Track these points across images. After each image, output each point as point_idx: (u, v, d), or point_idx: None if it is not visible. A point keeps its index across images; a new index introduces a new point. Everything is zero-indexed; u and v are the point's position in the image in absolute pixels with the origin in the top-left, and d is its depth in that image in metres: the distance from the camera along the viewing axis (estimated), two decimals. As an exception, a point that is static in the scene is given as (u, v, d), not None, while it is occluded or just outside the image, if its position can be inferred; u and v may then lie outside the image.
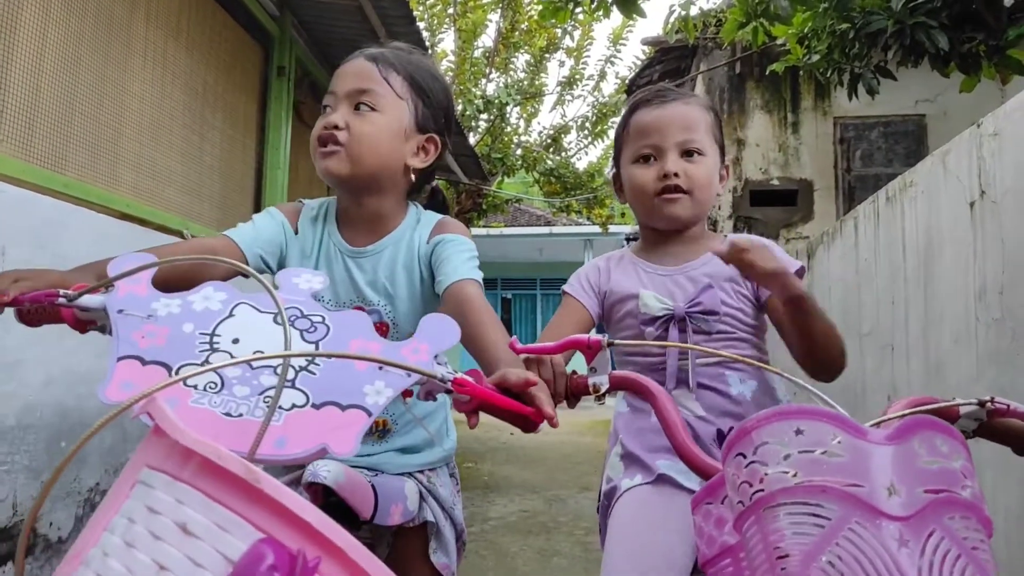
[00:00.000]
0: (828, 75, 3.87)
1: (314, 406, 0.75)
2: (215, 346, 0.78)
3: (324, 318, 0.85)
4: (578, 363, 1.06)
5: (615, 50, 11.31)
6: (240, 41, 3.95)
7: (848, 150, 6.71)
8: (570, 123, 11.86)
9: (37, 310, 0.92)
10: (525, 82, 11.01)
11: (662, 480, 1.26)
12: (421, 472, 1.32)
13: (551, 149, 11.84)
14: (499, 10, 10.75)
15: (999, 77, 3.44)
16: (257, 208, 4.14)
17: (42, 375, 2.38)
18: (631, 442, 1.34)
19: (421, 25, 6.92)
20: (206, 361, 0.76)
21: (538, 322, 18.00)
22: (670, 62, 7.54)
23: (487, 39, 10.92)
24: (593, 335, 1.00)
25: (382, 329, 1.30)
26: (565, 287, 1.45)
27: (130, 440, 2.83)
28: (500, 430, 9.59)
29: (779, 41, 4.31)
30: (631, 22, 11.01)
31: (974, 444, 1.98)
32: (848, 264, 3.13)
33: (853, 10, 3.44)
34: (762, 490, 0.72)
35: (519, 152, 11.34)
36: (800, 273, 1.32)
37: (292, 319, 0.83)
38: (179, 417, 0.66)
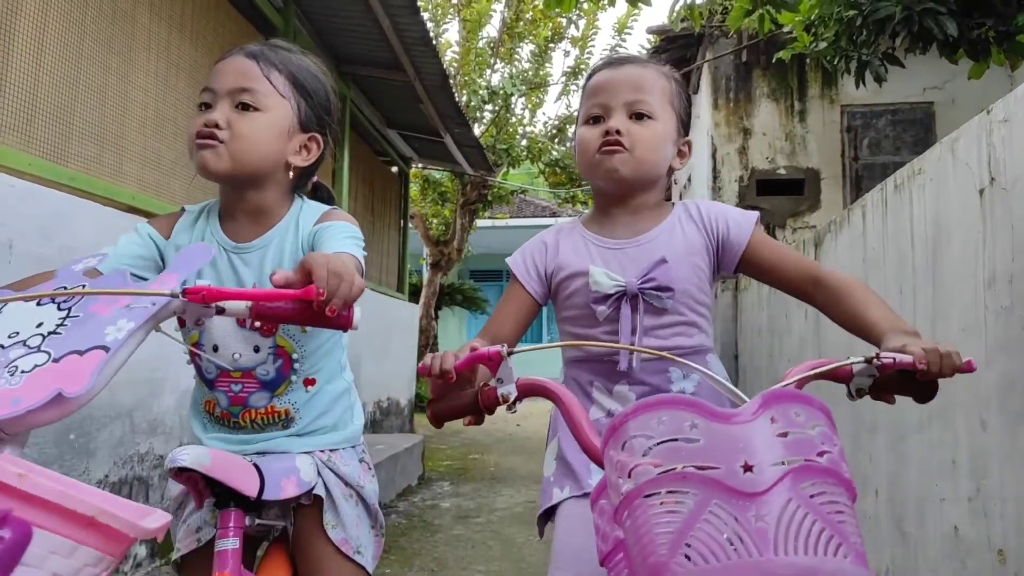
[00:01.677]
0: (835, 63, 3.84)
1: (54, 360, 0.82)
2: None
3: (84, 285, 0.95)
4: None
5: (620, 39, 11.25)
6: (244, 32, 3.94)
7: (855, 138, 6.66)
8: (575, 113, 11.82)
9: None
10: (530, 72, 10.97)
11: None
12: (321, 451, 1.30)
13: (556, 139, 11.81)
14: (503, 0, 10.70)
15: (1008, 63, 3.40)
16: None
17: (50, 368, 2.39)
18: (568, 443, 1.31)
19: (425, 15, 6.89)
20: None
21: (543, 314, 17.97)
22: (676, 51, 7.49)
23: (492, 29, 10.89)
24: (492, 348, 0.98)
25: (271, 323, 1.28)
26: (509, 261, 1.40)
27: (139, 432, 2.84)
28: (506, 422, 9.61)
29: (786, 29, 4.27)
30: (636, 11, 10.93)
31: (983, 436, 1.97)
32: (856, 253, 3.12)
33: (860, -3, 3.41)
34: (632, 484, 0.74)
35: (524, 143, 11.31)
36: (758, 221, 1.35)
37: (53, 298, 0.93)
38: None
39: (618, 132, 1.27)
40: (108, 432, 2.67)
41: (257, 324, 1.24)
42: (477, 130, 9.72)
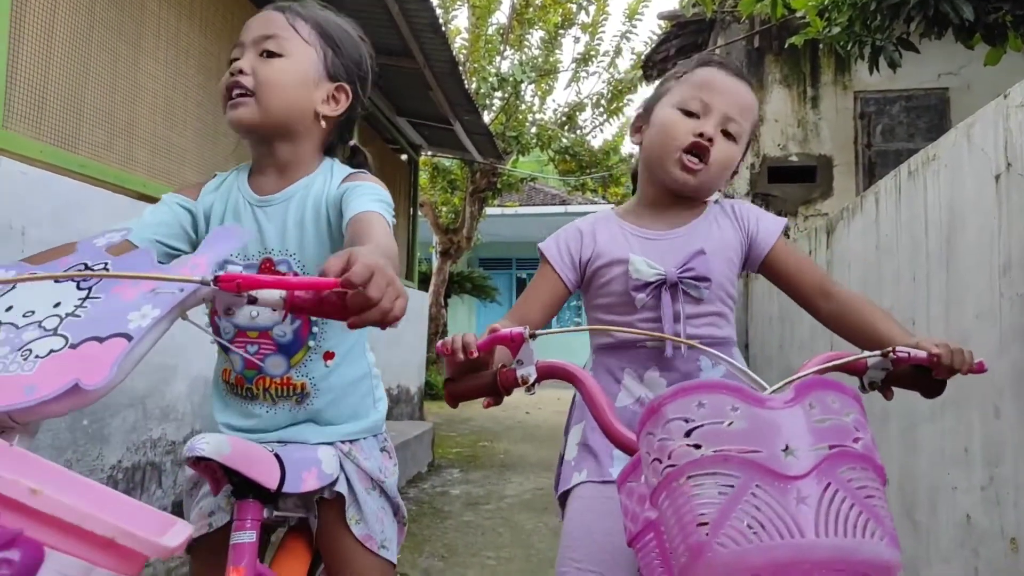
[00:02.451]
0: (849, 48, 3.79)
1: (72, 346, 0.75)
2: None
3: (107, 264, 0.87)
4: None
5: (631, 25, 11.17)
6: (253, 19, 3.93)
7: (869, 125, 6.60)
8: (585, 100, 11.76)
9: None
10: (540, 59, 10.91)
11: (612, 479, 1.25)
12: (342, 443, 1.27)
13: (566, 127, 11.75)
14: (513, -14, 10.63)
15: (1026, 48, 3.35)
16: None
17: (63, 354, 2.40)
18: (593, 428, 1.32)
19: (435, 1, 6.85)
20: None
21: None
22: (687, 36, 7.43)
23: (501, 16, 10.83)
24: (515, 328, 0.99)
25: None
26: (542, 247, 1.40)
27: (151, 418, 2.86)
28: (516, 408, 9.63)
29: (798, 13, 4.22)
30: (647, -4, 10.85)
31: (997, 424, 1.96)
32: (868, 241, 3.09)
33: (875, -20, 3.36)
34: (672, 465, 0.76)
35: (534, 130, 11.26)
36: (787, 231, 1.40)
37: (75, 272, 0.87)
38: None
39: (710, 140, 1.29)
40: (121, 418, 2.69)
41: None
42: (487, 117, 9.69)
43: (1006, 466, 1.89)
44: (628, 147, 12.65)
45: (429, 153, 9.35)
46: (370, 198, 1.16)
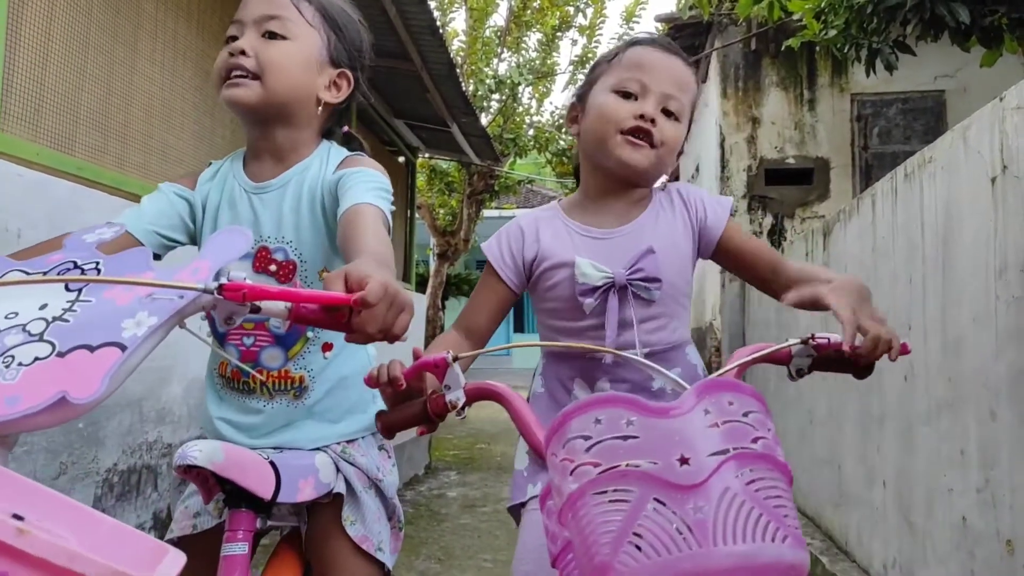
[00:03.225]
0: (845, 50, 3.80)
1: (59, 355, 0.68)
2: None
3: (98, 263, 0.81)
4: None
5: (628, 28, 11.17)
6: (250, 22, 3.93)
7: (865, 127, 6.61)
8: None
9: None
10: (537, 61, 10.92)
11: None
12: (337, 444, 1.23)
13: (563, 129, 11.75)
14: (510, -12, 10.64)
15: (1021, 51, 3.36)
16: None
17: (59, 357, 2.40)
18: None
19: (432, 4, 6.85)
20: None
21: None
22: (684, 39, 7.43)
23: (499, 18, 10.84)
24: (437, 355, 0.97)
25: (288, 268, 1.20)
26: (485, 248, 1.34)
27: (147, 421, 2.86)
28: (513, 411, 9.63)
29: (795, 16, 4.23)
30: (644, -1, 10.87)
31: (993, 426, 1.96)
32: (865, 243, 3.10)
33: (872, -17, 3.37)
34: (574, 486, 0.74)
35: (531, 132, 11.27)
36: (733, 212, 1.35)
37: (62, 272, 0.81)
38: None
39: (652, 122, 1.22)
40: (117, 421, 2.69)
41: (272, 268, 1.19)
42: (484, 120, 9.68)
43: (1002, 468, 1.89)
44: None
45: (426, 155, 9.35)
46: (367, 186, 1.12)
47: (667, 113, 1.24)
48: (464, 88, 6.60)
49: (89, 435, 2.55)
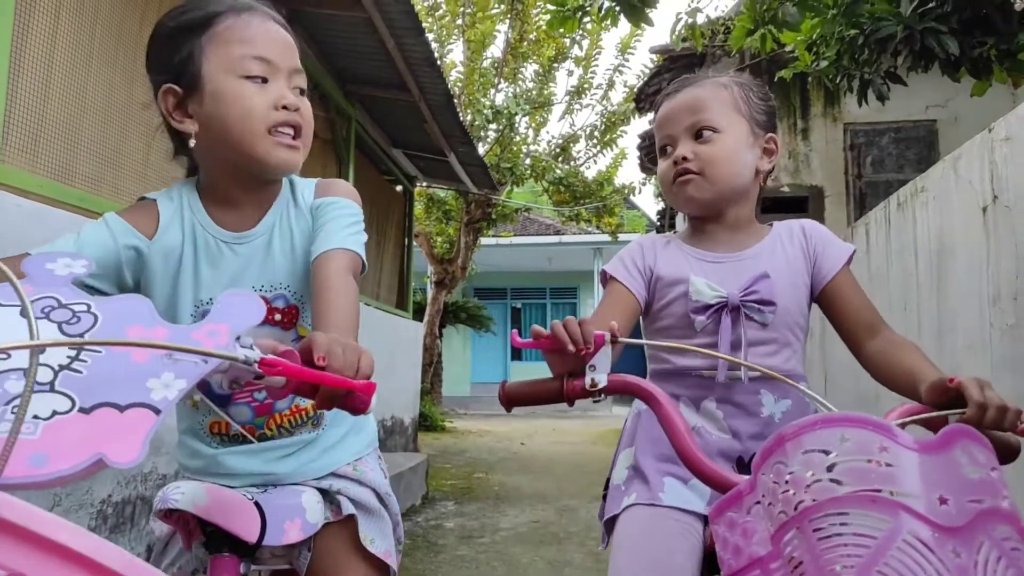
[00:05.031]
0: (837, 81, 3.85)
1: (82, 410, 0.63)
2: None
3: (90, 306, 0.74)
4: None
5: (623, 59, 11.33)
6: (250, 54, 3.98)
7: (859, 156, 6.68)
8: (579, 132, 11.89)
9: None
10: (534, 92, 11.05)
11: (664, 505, 1.21)
12: (349, 464, 1.20)
13: (560, 158, 11.86)
14: (507, 21, 10.80)
15: (1011, 81, 3.41)
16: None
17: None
18: (644, 452, 1.28)
19: (430, 36, 6.94)
20: None
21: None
22: (678, 70, 7.54)
23: (496, 49, 10.99)
24: (598, 330, 0.93)
25: (291, 313, 1.16)
26: (608, 268, 1.35)
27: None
28: (511, 440, 9.57)
29: (788, 48, 4.30)
30: (639, 31, 11.04)
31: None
32: (860, 271, 3.11)
33: (862, 16, 3.42)
34: (809, 499, 0.70)
35: (528, 161, 11.37)
36: (851, 258, 1.32)
37: (47, 310, 0.72)
38: None
39: (685, 159, 1.27)
40: (112, 451, 2.67)
41: (277, 318, 1.15)
42: (481, 149, 9.77)
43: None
44: (621, 178, 12.73)
45: (424, 184, 9.41)
46: (340, 224, 1.10)
47: (697, 136, 1.28)
48: (462, 118, 6.66)
49: (83, 466, 2.53)
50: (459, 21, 10.72)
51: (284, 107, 1.07)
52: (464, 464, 7.56)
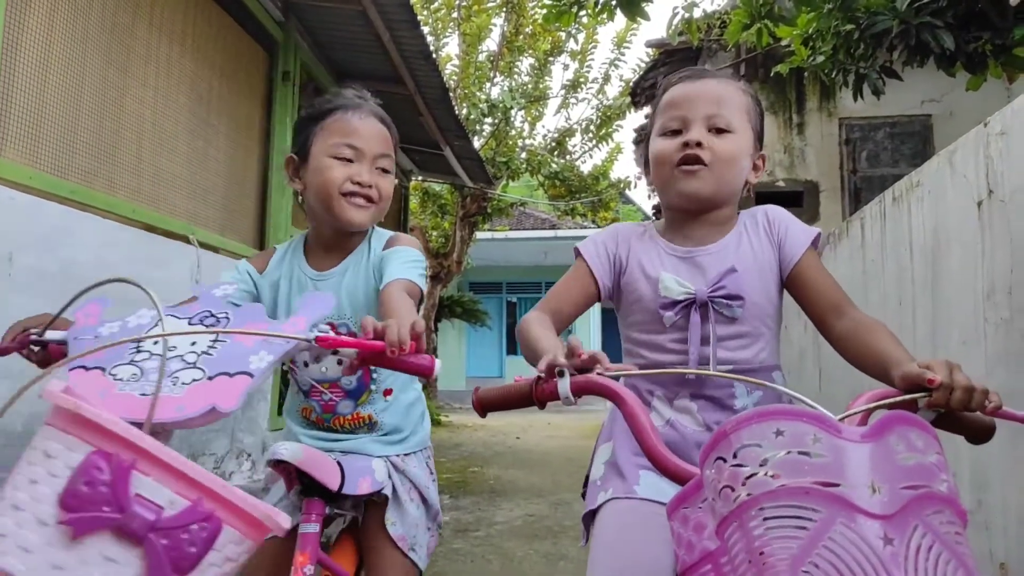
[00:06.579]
0: (833, 76, 3.85)
1: (208, 378, 0.97)
2: (140, 349, 1.02)
3: (227, 313, 1.11)
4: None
5: (619, 53, 11.32)
6: (245, 47, 3.96)
7: (854, 151, 6.69)
8: (574, 126, 11.87)
9: (31, 352, 1.19)
10: (529, 86, 11.03)
11: (639, 497, 1.22)
12: (397, 456, 1.49)
13: (556, 152, 11.84)
14: (503, 14, 10.77)
15: (1006, 76, 3.42)
16: (262, 212, 4.15)
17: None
18: (622, 447, 1.29)
19: (425, 29, 6.93)
20: (132, 361, 1.00)
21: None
22: (674, 64, 7.53)
23: (491, 43, 10.95)
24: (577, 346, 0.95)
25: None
26: (580, 246, 1.37)
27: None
28: (507, 434, 9.58)
29: (784, 42, 4.29)
30: (635, 25, 11.02)
31: (984, 449, 1.96)
32: (855, 265, 3.12)
33: (858, 11, 3.42)
34: (745, 494, 0.71)
35: (524, 156, 11.35)
36: (816, 241, 1.31)
37: (203, 318, 1.10)
38: (107, 401, 0.92)
39: (699, 144, 1.25)
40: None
41: None
42: (477, 143, 9.75)
43: (994, 491, 1.89)
44: (617, 172, 12.73)
45: (420, 178, 9.39)
46: (400, 262, 1.40)
47: (716, 131, 1.27)
48: (457, 112, 6.65)
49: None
50: (455, 14, 10.70)
51: (358, 183, 1.44)
52: (459, 458, 7.57)
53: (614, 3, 3.80)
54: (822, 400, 0.84)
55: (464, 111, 10.01)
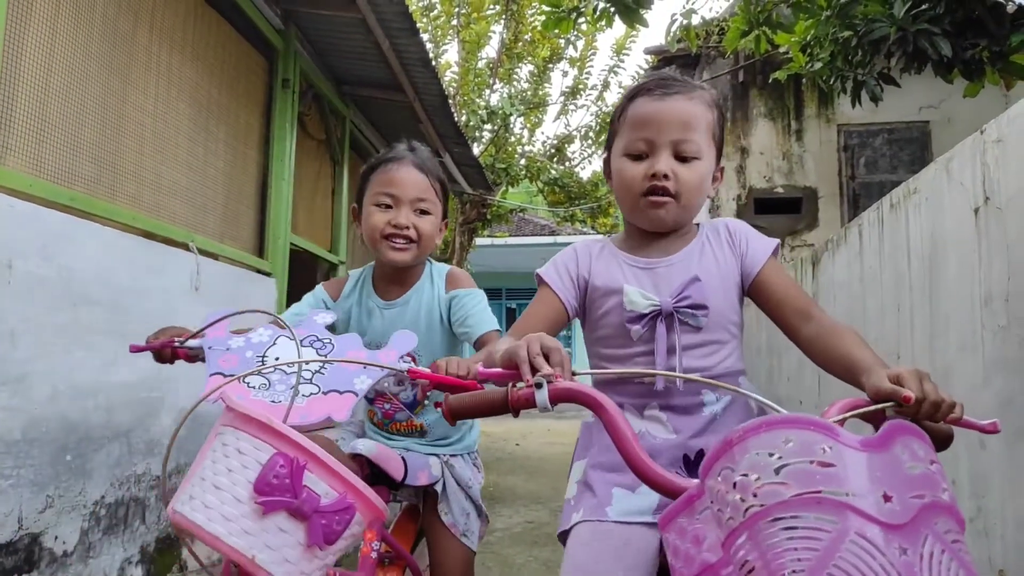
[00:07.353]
0: (831, 82, 3.86)
1: (324, 393, 1.27)
2: (264, 362, 1.33)
3: (331, 339, 1.40)
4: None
5: (618, 60, 11.34)
6: (245, 54, 3.97)
7: (852, 157, 6.70)
8: (574, 133, 11.89)
9: (163, 353, 1.46)
10: (529, 92, 11.04)
11: (611, 520, 1.21)
12: (444, 456, 1.74)
13: (555, 159, 11.86)
14: (502, 21, 10.80)
15: (1003, 83, 3.43)
16: (262, 220, 4.16)
17: (48, 389, 2.38)
18: (594, 465, 1.28)
19: (424, 36, 6.94)
20: (259, 373, 1.29)
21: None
22: (673, 71, 7.55)
23: (490, 50, 10.97)
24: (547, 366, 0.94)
25: (411, 360, 1.60)
26: (540, 272, 1.37)
27: (136, 452, 2.83)
28: (506, 440, 9.56)
29: (782, 49, 4.31)
30: (634, 32, 11.05)
31: (982, 455, 1.96)
32: (853, 271, 3.12)
33: (855, 18, 3.44)
34: (756, 505, 0.70)
35: (523, 162, 11.36)
36: (776, 251, 1.33)
37: (310, 342, 1.38)
38: (246, 404, 1.16)
39: (665, 177, 1.25)
40: (105, 453, 2.66)
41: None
42: (476, 149, 9.77)
43: (993, 497, 1.89)
44: (616, 178, 12.71)
45: (419, 184, 9.37)
46: (481, 311, 1.66)
47: (682, 159, 1.27)
48: (456, 119, 6.66)
49: (76, 467, 2.52)
50: (454, 21, 10.72)
51: (395, 226, 1.67)
52: (459, 465, 7.55)
53: (613, 10, 3.81)
54: (823, 406, 0.84)
55: (463, 118, 10.03)
